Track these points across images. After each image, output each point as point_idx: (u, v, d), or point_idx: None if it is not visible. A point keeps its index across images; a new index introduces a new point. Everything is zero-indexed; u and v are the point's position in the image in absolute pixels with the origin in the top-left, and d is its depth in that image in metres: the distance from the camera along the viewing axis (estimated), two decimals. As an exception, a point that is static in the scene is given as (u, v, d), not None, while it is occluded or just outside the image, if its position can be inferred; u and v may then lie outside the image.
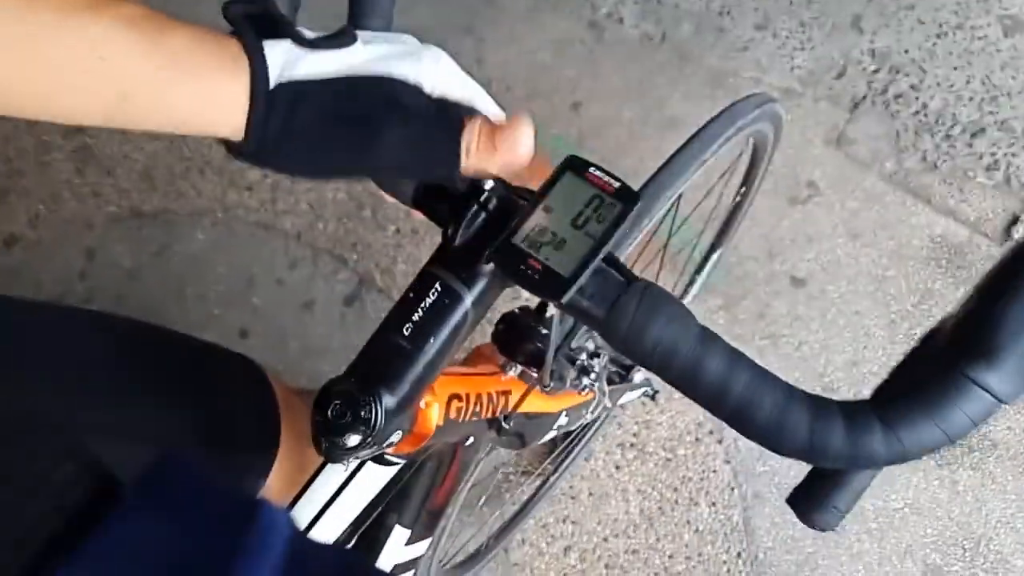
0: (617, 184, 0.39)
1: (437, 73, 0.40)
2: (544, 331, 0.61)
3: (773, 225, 1.54)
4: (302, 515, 0.53)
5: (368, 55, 0.38)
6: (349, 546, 0.58)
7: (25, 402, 0.49)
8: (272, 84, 0.35)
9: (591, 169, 0.40)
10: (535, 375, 0.63)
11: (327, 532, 0.55)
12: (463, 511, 1.23)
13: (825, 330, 1.45)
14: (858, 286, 1.49)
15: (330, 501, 0.54)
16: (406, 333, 0.44)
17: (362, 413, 0.43)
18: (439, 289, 0.43)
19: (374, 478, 0.55)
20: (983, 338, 0.33)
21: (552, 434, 0.78)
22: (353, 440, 0.43)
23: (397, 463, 0.55)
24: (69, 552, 0.31)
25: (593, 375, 0.64)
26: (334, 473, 0.54)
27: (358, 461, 0.53)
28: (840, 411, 0.37)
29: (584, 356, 0.64)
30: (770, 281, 1.50)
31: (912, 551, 1.28)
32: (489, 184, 0.42)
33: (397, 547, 0.67)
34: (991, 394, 0.34)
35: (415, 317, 0.44)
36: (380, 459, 0.54)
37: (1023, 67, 1.70)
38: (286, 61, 0.36)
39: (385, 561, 0.67)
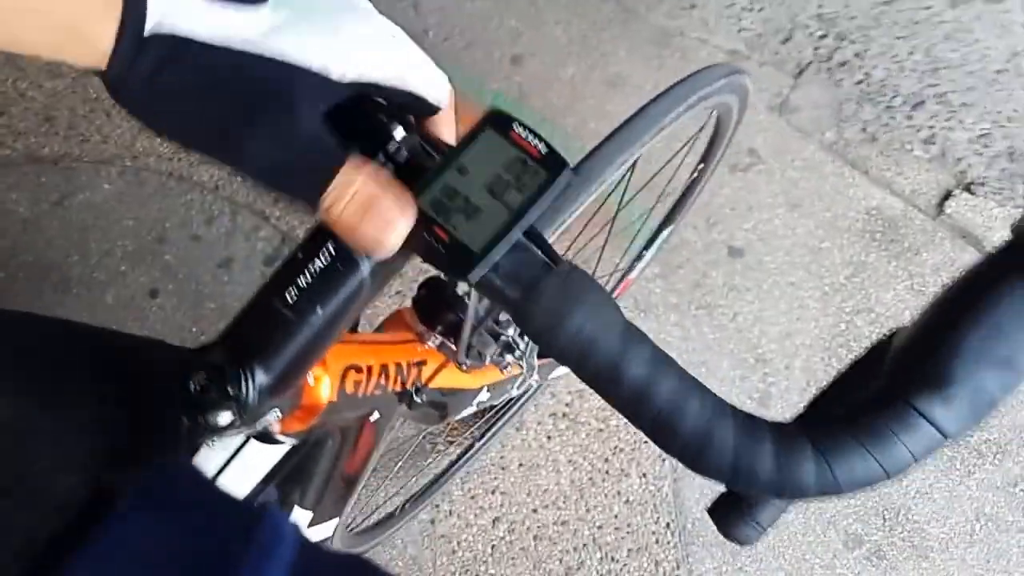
0: (544, 148, 0.33)
1: (353, 48, 0.32)
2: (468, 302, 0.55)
3: (713, 193, 1.50)
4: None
5: (274, 22, 0.31)
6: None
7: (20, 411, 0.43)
8: (148, 28, 0.29)
9: (515, 127, 0.33)
10: (455, 348, 0.57)
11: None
12: (376, 475, 1.18)
13: (760, 301, 1.44)
14: (794, 257, 1.48)
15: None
16: (289, 300, 0.37)
17: (230, 389, 0.37)
18: (332, 252, 0.37)
19: (260, 458, 0.49)
20: (934, 367, 0.30)
21: (472, 409, 0.72)
22: (219, 419, 0.37)
23: (286, 442, 0.48)
24: (70, 552, 0.31)
25: (518, 352, 0.59)
26: (213, 451, 0.48)
27: (240, 441, 0.46)
28: (770, 431, 0.33)
29: (510, 331, 0.58)
30: (708, 250, 1.47)
31: (835, 521, 1.28)
32: (400, 133, 0.36)
33: (296, 530, 0.61)
34: (937, 428, 0.30)
35: (301, 282, 0.37)
36: (266, 437, 0.47)
37: (964, 39, 1.70)
38: (172, 2, 0.29)
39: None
